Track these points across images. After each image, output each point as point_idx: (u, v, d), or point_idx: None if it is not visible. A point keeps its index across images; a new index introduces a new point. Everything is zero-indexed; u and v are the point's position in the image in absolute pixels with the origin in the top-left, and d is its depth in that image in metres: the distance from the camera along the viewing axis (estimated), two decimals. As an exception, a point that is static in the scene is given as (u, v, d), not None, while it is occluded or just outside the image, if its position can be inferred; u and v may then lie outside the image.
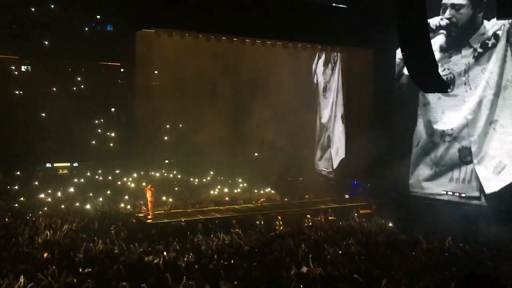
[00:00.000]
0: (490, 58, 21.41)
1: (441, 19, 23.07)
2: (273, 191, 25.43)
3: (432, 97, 23.32)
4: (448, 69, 23.53)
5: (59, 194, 22.64)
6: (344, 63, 27.35)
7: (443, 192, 21.26)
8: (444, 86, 15.98)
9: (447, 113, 22.87)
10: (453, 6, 22.93)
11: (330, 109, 29.06)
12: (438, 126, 23.08)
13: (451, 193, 20.96)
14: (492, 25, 21.46)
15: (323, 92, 30.32)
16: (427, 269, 12.66)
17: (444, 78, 22.85)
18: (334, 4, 24.52)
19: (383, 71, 24.04)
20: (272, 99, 28.04)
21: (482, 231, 17.10)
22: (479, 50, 21.78)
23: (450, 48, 23.74)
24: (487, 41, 21.75)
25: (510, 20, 20.21)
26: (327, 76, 29.83)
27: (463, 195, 20.59)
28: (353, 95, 26.57)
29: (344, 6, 24.08)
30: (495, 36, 21.31)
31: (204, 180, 27.66)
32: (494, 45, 21.23)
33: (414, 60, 14.74)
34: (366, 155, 22.90)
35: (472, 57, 22.09)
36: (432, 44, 15.00)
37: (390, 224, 19.06)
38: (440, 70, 22.76)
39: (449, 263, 13.27)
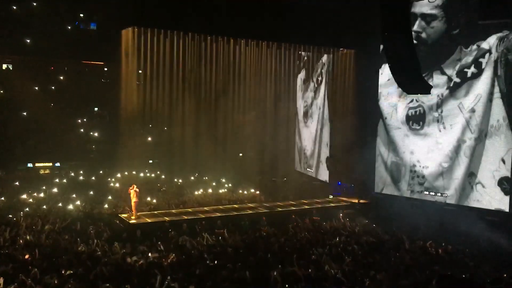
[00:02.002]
0: (469, 91, 19.77)
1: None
2: (257, 192, 25.45)
3: (397, 135, 22.30)
4: (417, 100, 22.13)
5: (41, 194, 22.31)
6: (329, 81, 27.01)
7: (425, 193, 21.46)
8: (426, 88, 16.14)
9: (417, 155, 21.65)
10: (423, 17, 21.00)
11: (313, 140, 28.90)
12: (406, 172, 21.90)
13: (433, 193, 21.17)
14: (472, 50, 19.77)
15: (303, 118, 30.21)
16: (410, 268, 12.79)
17: (412, 112, 22.30)
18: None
19: (365, 71, 24.20)
20: (257, 99, 28.07)
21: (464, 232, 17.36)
22: (456, 79, 20.23)
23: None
24: (465, 70, 20.01)
25: (499, 47, 18.93)
26: (308, 99, 29.78)
27: (446, 194, 20.77)
28: (336, 97, 26.72)
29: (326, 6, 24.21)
30: (477, 64, 19.62)
31: (188, 180, 27.55)
32: (476, 76, 19.52)
33: (397, 61, 14.87)
34: (351, 155, 23.09)
35: (446, 88, 20.51)
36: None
37: (374, 224, 19.23)
38: (406, 101, 22.76)
39: (431, 263, 13.43)
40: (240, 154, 31.52)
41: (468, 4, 20.15)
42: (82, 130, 29.59)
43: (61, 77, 29.44)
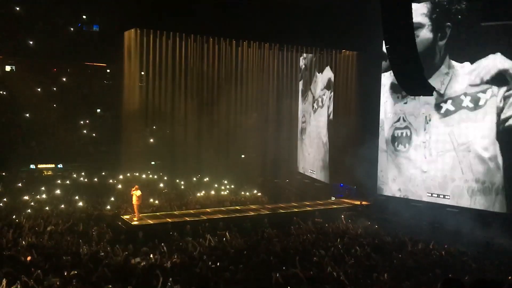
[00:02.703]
0: (462, 122, 19.56)
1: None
2: (259, 193, 25.44)
3: (382, 156, 22.52)
4: (404, 120, 21.90)
5: (43, 195, 22.35)
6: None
7: (428, 194, 21.43)
8: (429, 89, 16.17)
9: (398, 183, 21.88)
10: None
11: (315, 142, 29.01)
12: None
13: (435, 195, 21.14)
14: (464, 68, 19.56)
15: (303, 122, 30.49)
16: (412, 270, 12.76)
17: (399, 133, 22.30)
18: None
19: (368, 74, 24.20)
20: (259, 100, 28.08)
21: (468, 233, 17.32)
22: (448, 106, 20.02)
23: None
24: (461, 97, 19.69)
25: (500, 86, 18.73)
26: (306, 113, 30.17)
27: (448, 197, 20.74)
28: (338, 100, 26.71)
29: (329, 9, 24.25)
30: (474, 98, 19.35)
31: (190, 182, 27.55)
32: (472, 109, 19.34)
33: (400, 63, 14.90)
34: (353, 157, 23.06)
35: (435, 109, 20.39)
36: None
37: (376, 226, 19.20)
38: (394, 118, 22.66)
39: (433, 265, 13.38)
40: (243, 156, 31.51)
41: (459, 12, 19.95)
42: (84, 131, 29.63)
43: (64, 79, 29.49)
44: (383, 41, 15.79)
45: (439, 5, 20.81)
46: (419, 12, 21.17)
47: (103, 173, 27.57)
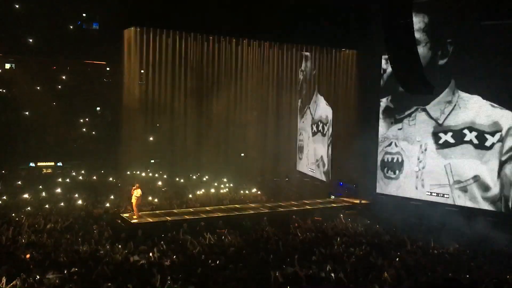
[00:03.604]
0: (463, 155, 19.06)
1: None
2: (259, 192, 25.44)
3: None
4: (396, 145, 21.37)
5: (43, 193, 22.34)
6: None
7: (427, 193, 21.43)
8: (429, 88, 16.12)
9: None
10: None
11: (315, 141, 28.92)
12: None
13: (435, 194, 21.13)
14: (475, 101, 18.81)
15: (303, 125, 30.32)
16: (412, 269, 12.76)
17: (390, 158, 21.85)
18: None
19: (366, 72, 24.18)
20: (259, 99, 28.07)
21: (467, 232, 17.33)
22: (447, 137, 19.58)
23: (398, 110, 21.43)
24: (464, 131, 19.02)
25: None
26: (303, 131, 30.09)
27: (447, 196, 20.74)
28: (339, 97, 26.70)
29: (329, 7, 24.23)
30: (480, 136, 18.71)
31: (190, 180, 27.55)
32: (478, 147, 18.66)
33: (399, 61, 14.87)
34: (353, 156, 23.08)
35: (432, 138, 19.88)
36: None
37: (375, 225, 19.20)
38: (385, 143, 22.36)
39: (433, 264, 13.39)
40: (242, 154, 31.50)
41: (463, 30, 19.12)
42: (84, 129, 29.63)
43: (64, 77, 29.49)
44: (384, 40, 15.74)
45: (439, 18, 19.96)
46: (415, 27, 20.79)
47: (103, 171, 27.56)
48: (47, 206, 19.86)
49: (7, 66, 28.01)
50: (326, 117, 27.42)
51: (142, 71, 25.24)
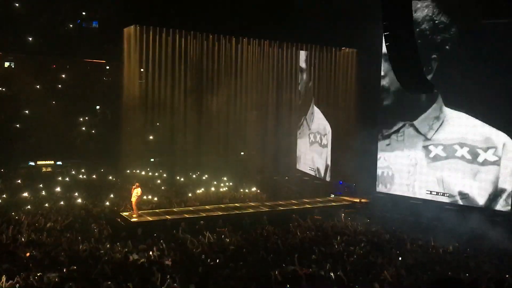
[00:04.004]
0: (456, 169, 19.16)
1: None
2: (258, 190, 25.43)
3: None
4: (385, 159, 21.27)
5: (42, 192, 22.33)
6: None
7: (426, 192, 21.43)
8: (428, 87, 16.10)
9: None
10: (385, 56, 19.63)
11: (315, 140, 29.01)
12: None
13: (435, 193, 21.14)
14: (461, 118, 19.01)
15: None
16: (411, 268, 12.77)
17: (380, 172, 21.54)
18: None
19: (366, 70, 24.15)
20: (259, 97, 28.06)
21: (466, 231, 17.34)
22: (438, 150, 19.68)
23: (385, 126, 21.51)
24: (454, 146, 19.17)
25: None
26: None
27: (447, 194, 20.75)
28: (339, 95, 26.70)
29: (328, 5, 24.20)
30: (473, 151, 19.02)
31: (189, 178, 27.55)
32: (470, 161, 18.87)
33: (399, 61, 14.85)
34: (352, 155, 23.07)
35: (422, 152, 20.03)
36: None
37: (375, 224, 19.20)
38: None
39: (432, 263, 13.40)
40: (242, 153, 31.50)
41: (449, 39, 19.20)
42: (84, 128, 29.62)
43: (63, 75, 29.45)
44: (383, 38, 15.71)
45: (423, 33, 19.91)
46: (384, 57, 20.59)
47: (102, 170, 27.55)
48: (47, 205, 19.84)
49: (6, 64, 27.97)
50: (324, 128, 27.45)
51: (142, 69, 25.24)
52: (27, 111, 28.04)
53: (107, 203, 20.71)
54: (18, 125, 27.85)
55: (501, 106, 18.34)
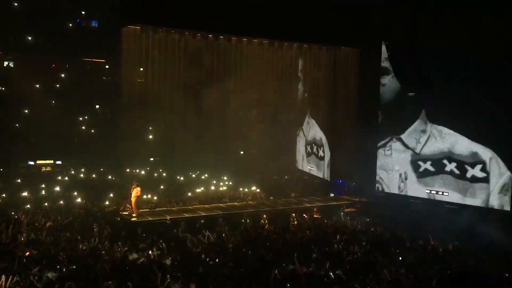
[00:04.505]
0: (446, 185, 19.09)
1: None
2: (258, 190, 25.44)
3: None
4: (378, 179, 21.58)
5: (42, 192, 22.32)
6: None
7: (426, 191, 21.42)
8: (427, 84, 16.13)
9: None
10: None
11: (314, 140, 28.91)
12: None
13: (434, 192, 21.11)
14: (443, 132, 19.24)
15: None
16: (411, 267, 12.77)
17: None
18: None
19: (368, 70, 24.10)
20: (259, 96, 28.06)
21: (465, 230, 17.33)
22: (427, 166, 19.68)
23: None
24: (443, 160, 18.97)
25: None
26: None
27: (446, 194, 20.72)
28: (339, 94, 26.67)
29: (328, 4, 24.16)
30: (460, 166, 18.86)
31: (189, 178, 27.55)
32: (458, 176, 18.77)
33: (399, 59, 14.87)
34: (352, 154, 23.06)
35: (411, 166, 20.03)
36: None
37: (374, 223, 19.20)
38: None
39: (432, 261, 13.40)
40: (241, 152, 31.50)
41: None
42: (83, 127, 29.60)
43: (62, 75, 29.43)
44: (384, 37, 15.74)
45: None
46: (384, 56, 20.37)
47: (102, 169, 27.54)
48: (46, 204, 19.84)
49: (6, 64, 27.94)
50: (320, 139, 27.43)
51: (141, 69, 25.23)
52: (26, 111, 28.02)
53: (107, 203, 20.70)
54: (17, 125, 27.83)
55: (485, 122, 18.17)
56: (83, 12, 28.74)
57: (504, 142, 17.89)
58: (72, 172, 27.26)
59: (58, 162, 28.56)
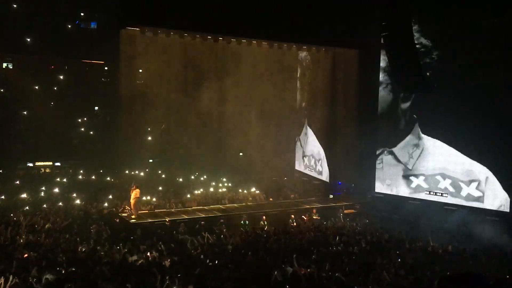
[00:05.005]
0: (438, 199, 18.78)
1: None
2: (257, 191, 25.42)
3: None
4: None
5: (41, 193, 22.29)
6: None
7: (425, 192, 21.40)
8: (428, 86, 16.13)
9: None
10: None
11: (314, 141, 28.65)
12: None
13: (433, 193, 21.10)
14: (436, 146, 18.83)
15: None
16: (410, 268, 12.76)
17: None
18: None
19: (367, 71, 24.11)
20: (257, 98, 28.04)
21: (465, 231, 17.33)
22: (419, 181, 19.43)
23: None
24: (436, 177, 18.84)
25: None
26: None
27: (445, 195, 20.71)
28: (338, 97, 26.66)
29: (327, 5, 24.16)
30: (455, 185, 18.49)
31: (188, 179, 27.52)
32: (457, 195, 18.45)
33: (398, 60, 14.87)
34: (351, 155, 23.04)
35: (403, 180, 19.73)
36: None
37: (374, 224, 19.20)
38: None
39: (431, 263, 13.39)
40: (241, 153, 31.47)
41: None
42: (82, 129, 29.57)
43: (61, 76, 29.40)
44: (382, 38, 15.71)
45: None
46: (381, 65, 20.26)
47: (101, 171, 27.52)
48: (45, 206, 19.82)
49: (4, 65, 27.92)
50: (318, 153, 27.39)
51: (140, 70, 25.21)
52: (25, 112, 27.99)
53: (106, 204, 20.67)
54: (16, 126, 27.78)
55: (480, 139, 17.78)
56: (82, 14, 28.73)
57: (500, 162, 17.50)
58: (71, 173, 27.23)
59: (57, 164, 28.54)
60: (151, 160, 30.10)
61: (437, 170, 19.48)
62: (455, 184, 19.01)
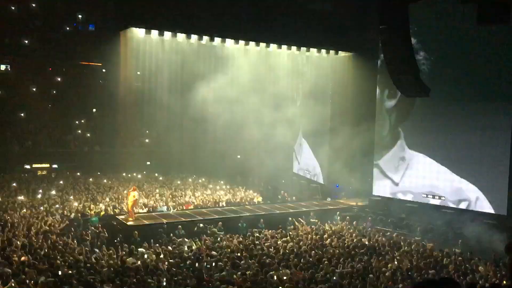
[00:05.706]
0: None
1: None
2: (255, 193, 25.42)
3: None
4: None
5: (38, 195, 22.24)
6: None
7: (423, 195, 21.43)
8: (424, 90, 16.14)
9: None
10: None
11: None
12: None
13: (431, 196, 21.12)
14: (426, 162, 18.68)
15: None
16: (408, 271, 12.78)
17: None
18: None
19: (363, 74, 24.18)
20: (256, 101, 28.02)
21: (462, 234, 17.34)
22: (401, 194, 19.51)
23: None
24: (422, 193, 18.65)
25: None
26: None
27: (443, 198, 20.73)
28: (336, 100, 26.71)
29: (325, 9, 24.25)
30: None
31: (186, 182, 27.51)
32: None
33: (395, 64, 14.89)
34: (348, 157, 23.07)
35: (390, 196, 19.77)
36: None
37: (372, 227, 19.22)
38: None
39: (429, 266, 13.41)
40: (238, 156, 31.49)
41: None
42: (79, 131, 29.54)
43: (59, 78, 29.40)
44: (379, 42, 15.72)
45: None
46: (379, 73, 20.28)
47: (98, 173, 27.49)
48: (42, 208, 19.76)
49: (3, 67, 27.91)
50: (314, 168, 27.32)
51: (138, 72, 25.21)
52: (23, 114, 27.97)
53: (103, 206, 20.63)
54: (14, 128, 27.76)
55: (468, 156, 17.65)
56: (80, 16, 28.77)
57: (490, 182, 17.34)
58: (68, 175, 27.20)
59: (55, 166, 28.49)
60: (148, 163, 30.10)
61: (425, 188, 19.32)
62: (444, 203, 18.96)
